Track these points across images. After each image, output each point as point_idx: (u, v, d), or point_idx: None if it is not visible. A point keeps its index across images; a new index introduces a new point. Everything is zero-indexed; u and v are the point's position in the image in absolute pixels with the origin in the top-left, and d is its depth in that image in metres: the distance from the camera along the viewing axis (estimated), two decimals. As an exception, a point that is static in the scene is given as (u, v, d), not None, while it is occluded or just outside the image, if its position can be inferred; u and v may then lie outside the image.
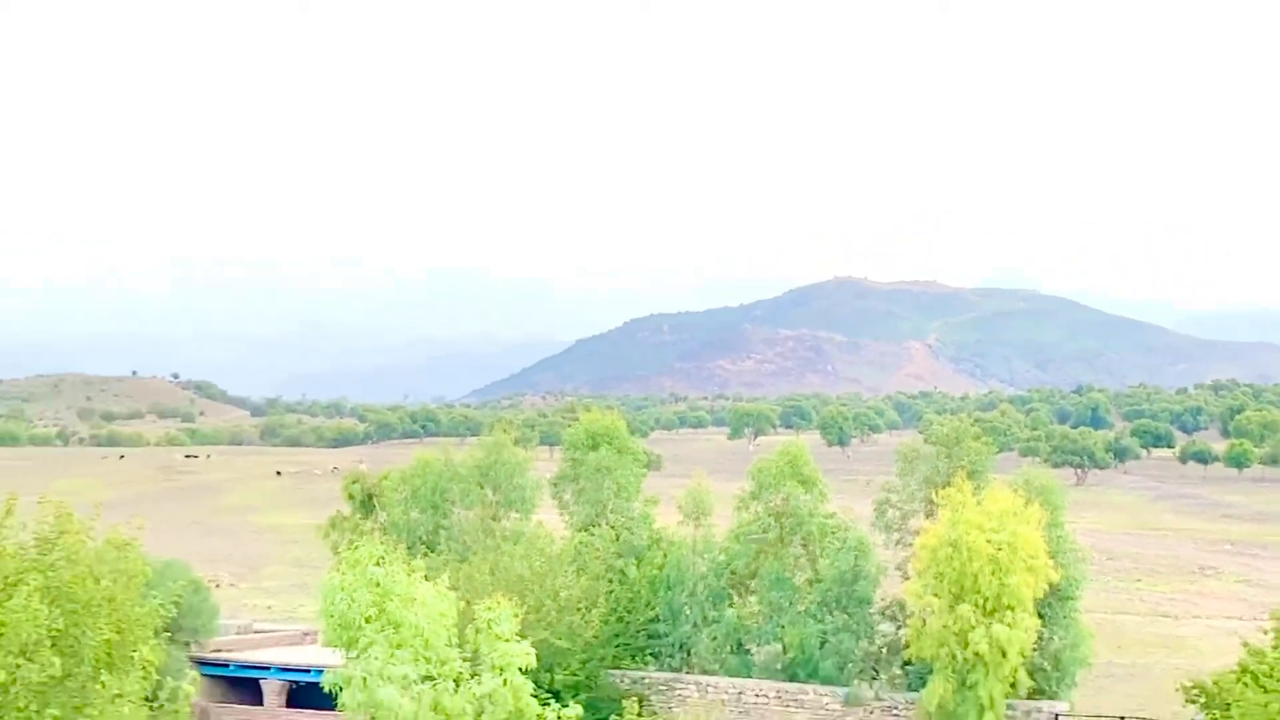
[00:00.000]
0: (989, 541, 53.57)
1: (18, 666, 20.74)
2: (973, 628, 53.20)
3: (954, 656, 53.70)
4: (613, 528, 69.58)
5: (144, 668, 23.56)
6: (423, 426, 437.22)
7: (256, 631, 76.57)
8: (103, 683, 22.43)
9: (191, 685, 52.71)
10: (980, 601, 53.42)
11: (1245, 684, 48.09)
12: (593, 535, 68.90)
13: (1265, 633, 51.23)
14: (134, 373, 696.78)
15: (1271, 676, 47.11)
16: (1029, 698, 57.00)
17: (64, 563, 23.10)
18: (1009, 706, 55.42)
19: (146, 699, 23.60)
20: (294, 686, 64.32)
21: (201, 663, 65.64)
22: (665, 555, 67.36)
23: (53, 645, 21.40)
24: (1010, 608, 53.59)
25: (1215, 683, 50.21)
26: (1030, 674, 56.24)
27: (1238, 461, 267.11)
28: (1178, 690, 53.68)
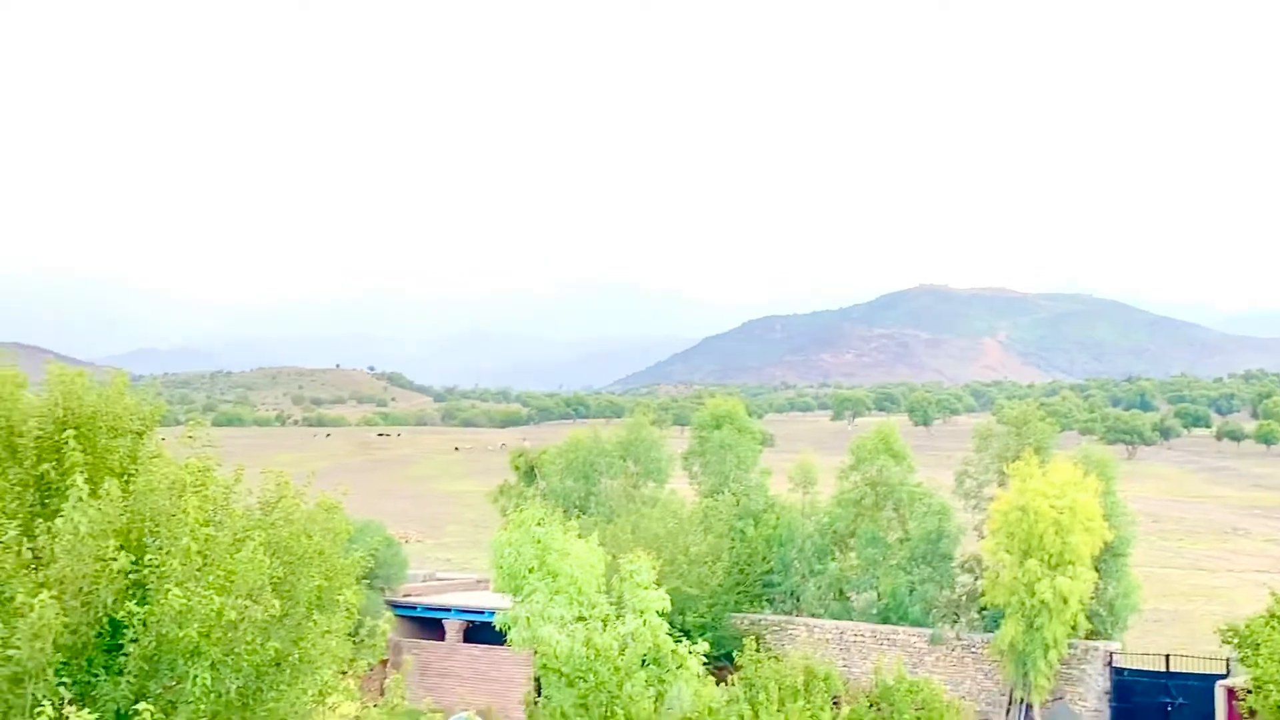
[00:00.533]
0: (1052, 507, 53.60)
1: (246, 607, 20.92)
2: (1039, 579, 53.20)
3: (1023, 603, 53.64)
4: (733, 494, 69.68)
5: (347, 609, 23.75)
6: (575, 410, 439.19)
7: (439, 579, 76.99)
8: (314, 621, 22.63)
9: (386, 624, 53.02)
10: (1045, 557, 53.40)
11: (1272, 627, 47.57)
12: (717, 501, 69.01)
13: None
14: (338, 365, 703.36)
15: None
16: (1086, 638, 56.64)
17: (282, 522, 23.30)
18: (1070, 645, 55.18)
19: (349, 635, 23.79)
20: (470, 625, 64.62)
21: (394, 605, 66.17)
22: (777, 518, 67.35)
23: (273, 590, 21.59)
24: (1071, 562, 53.53)
25: (1247, 626, 49.58)
26: (1088, 618, 55.97)
27: (1266, 439, 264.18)
28: (1214, 633, 52.97)
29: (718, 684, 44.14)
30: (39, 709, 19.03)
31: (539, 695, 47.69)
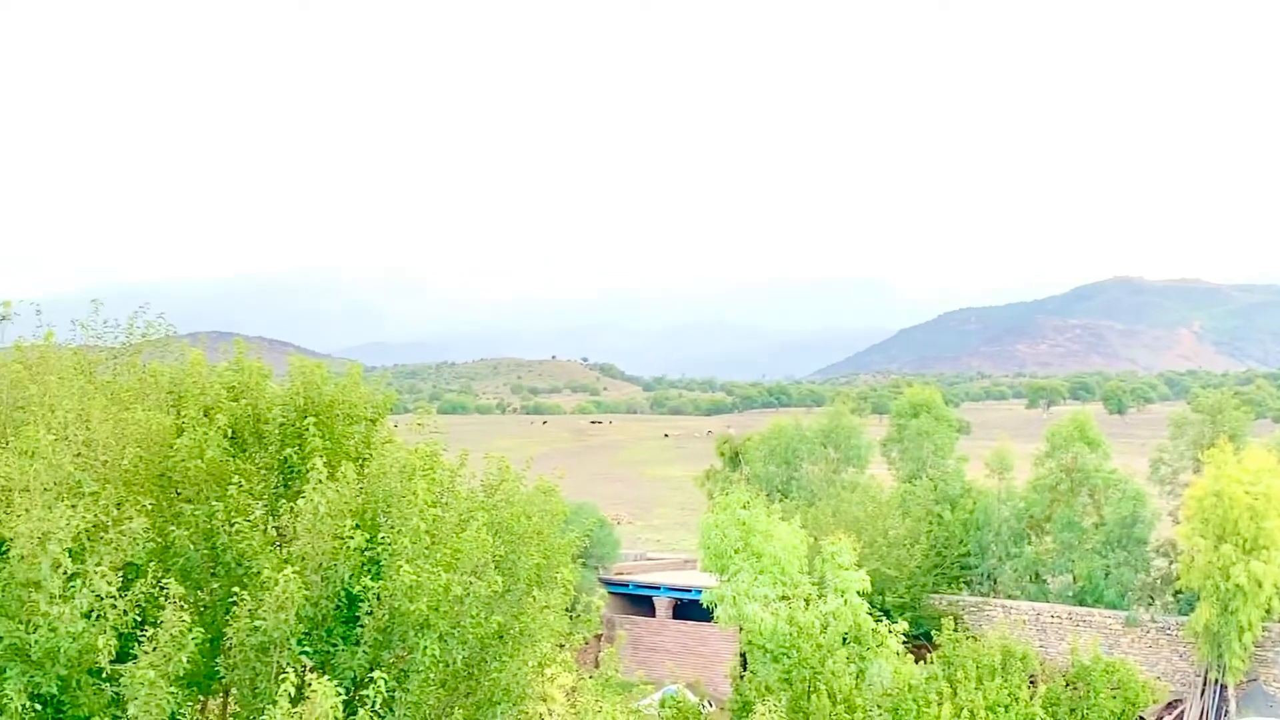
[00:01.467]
0: (1247, 492, 52.74)
1: (470, 583, 21.28)
2: (1234, 563, 52.37)
3: (1217, 587, 52.77)
4: (931, 480, 69.42)
5: (564, 586, 24.05)
6: (777, 399, 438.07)
7: (649, 559, 77.69)
8: (534, 597, 22.95)
9: (600, 600, 53.54)
10: (1240, 542, 52.54)
11: None
12: (915, 486, 68.81)
13: None
14: (553, 357, 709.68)
15: None
16: (1282, 621, 55.36)
17: (504, 503, 23.69)
18: (1264, 628, 54.00)
19: (566, 610, 24.07)
20: (679, 602, 65.14)
21: (607, 583, 66.95)
22: (974, 503, 66.93)
23: (496, 567, 21.93)
24: (1265, 547, 52.62)
25: None
26: (1280, 593, 54.77)
27: None
28: None
29: (916, 662, 43.91)
30: (283, 676, 19.59)
31: (744, 670, 47.88)
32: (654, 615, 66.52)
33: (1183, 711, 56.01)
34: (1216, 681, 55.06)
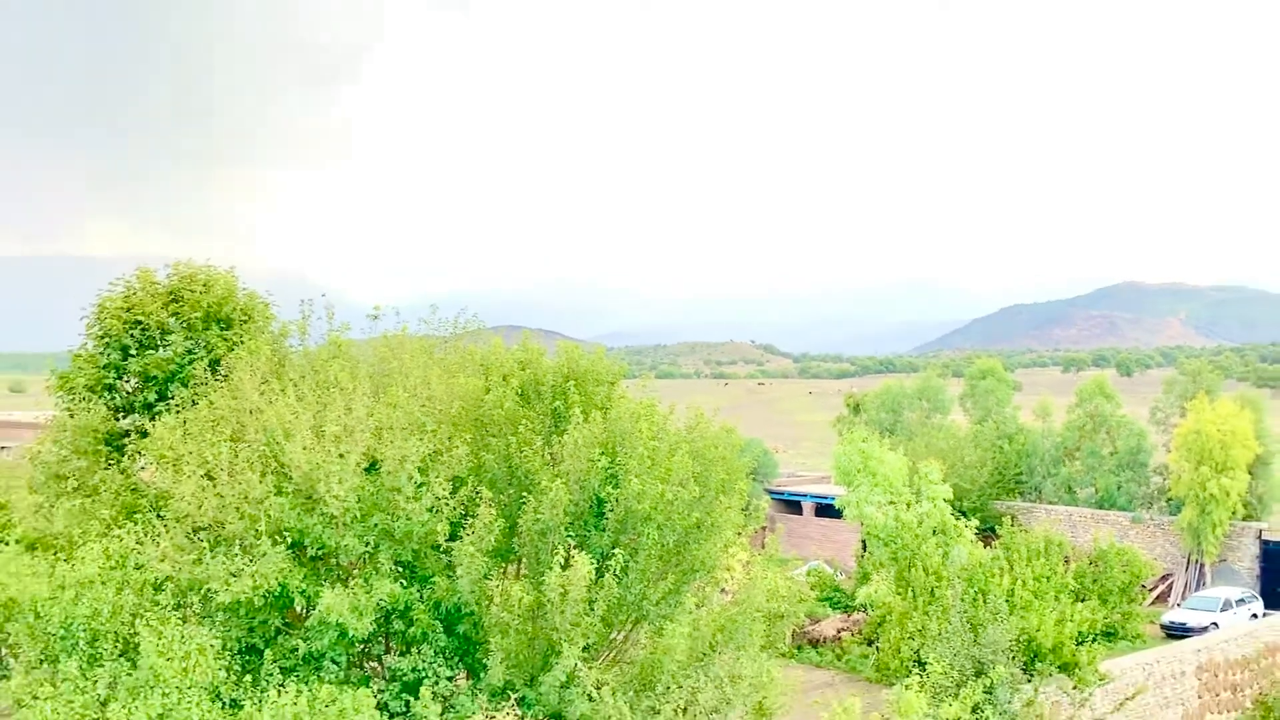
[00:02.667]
0: (1218, 430, 51.85)
1: (678, 491, 21.56)
2: (1209, 480, 51.44)
3: (1197, 496, 51.71)
4: (994, 422, 68.22)
5: (740, 493, 24.16)
6: (886, 367, 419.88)
7: (797, 476, 77.29)
8: (720, 500, 23.09)
9: (765, 503, 53.56)
10: (1213, 464, 51.45)
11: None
12: (983, 427, 67.75)
13: None
14: (731, 340, 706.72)
15: None
16: (1243, 520, 53.86)
17: (699, 438, 23.85)
18: (1231, 524, 52.72)
19: (742, 509, 24.20)
20: (818, 505, 64.79)
21: (770, 491, 66.98)
22: (1025, 438, 65.55)
23: (694, 480, 22.11)
24: (1231, 468, 51.52)
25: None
26: (1244, 506, 53.49)
27: None
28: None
29: (984, 547, 43.44)
30: (555, 552, 20.18)
31: (864, 551, 47.84)
32: (801, 514, 66.42)
33: (1172, 582, 54.66)
34: (1197, 561, 53.93)
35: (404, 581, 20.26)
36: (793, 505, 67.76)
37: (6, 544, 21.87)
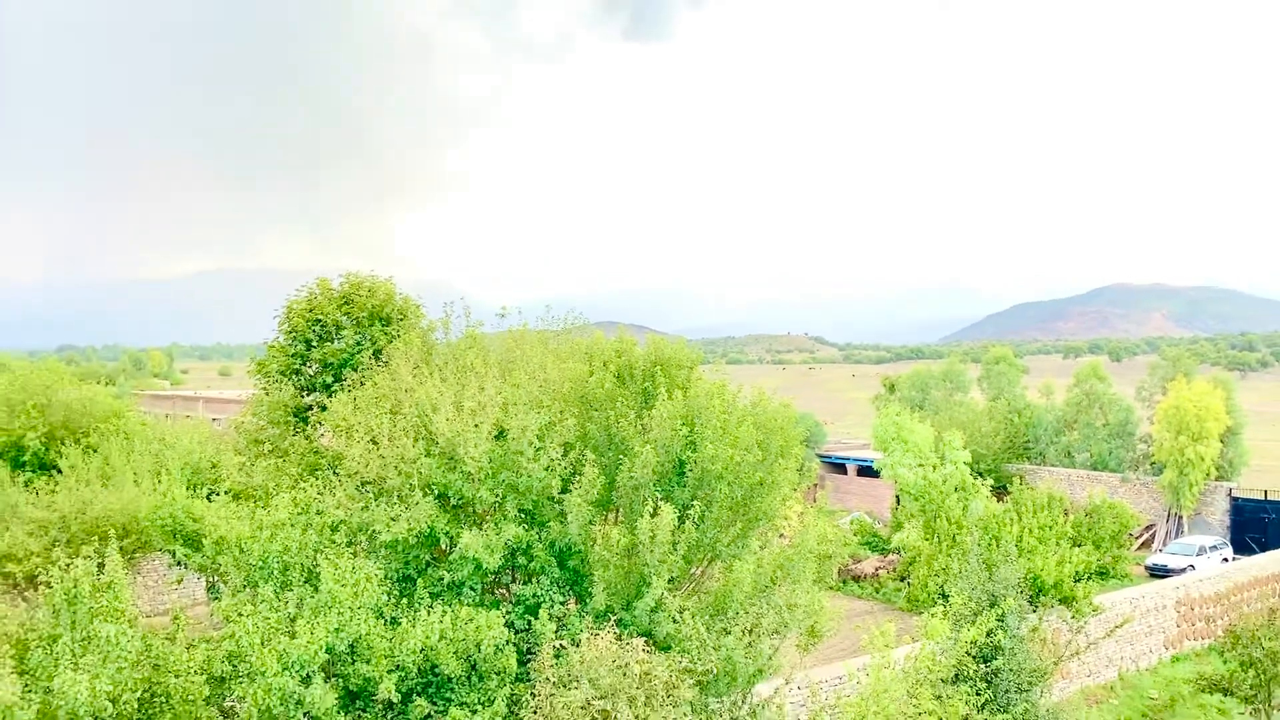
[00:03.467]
0: (1194, 405, 50.51)
1: (744, 455, 21.46)
2: (1186, 446, 50.25)
3: (1176, 460, 50.38)
4: (1005, 399, 67.05)
5: (795, 456, 23.91)
6: (916, 354, 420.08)
7: (843, 443, 76.58)
8: (779, 462, 22.90)
9: (815, 465, 53.07)
10: (1190, 434, 50.14)
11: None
12: (996, 403, 66.66)
13: None
14: (788, 332, 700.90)
15: None
16: (1216, 480, 52.27)
17: (761, 412, 23.70)
18: (1205, 484, 51.18)
19: (797, 469, 23.92)
20: (860, 467, 64.13)
21: (820, 456, 66.38)
22: (1032, 413, 64.05)
23: (758, 445, 21.98)
24: (1205, 437, 50.17)
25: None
26: (1216, 469, 51.95)
27: None
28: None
29: (997, 502, 42.65)
30: (645, 503, 20.21)
31: (897, 504, 47.24)
32: (846, 474, 65.78)
33: (1155, 531, 53.16)
34: (1176, 514, 52.45)
35: (525, 525, 20.43)
36: (838, 467, 67.13)
37: (217, 494, 22.43)
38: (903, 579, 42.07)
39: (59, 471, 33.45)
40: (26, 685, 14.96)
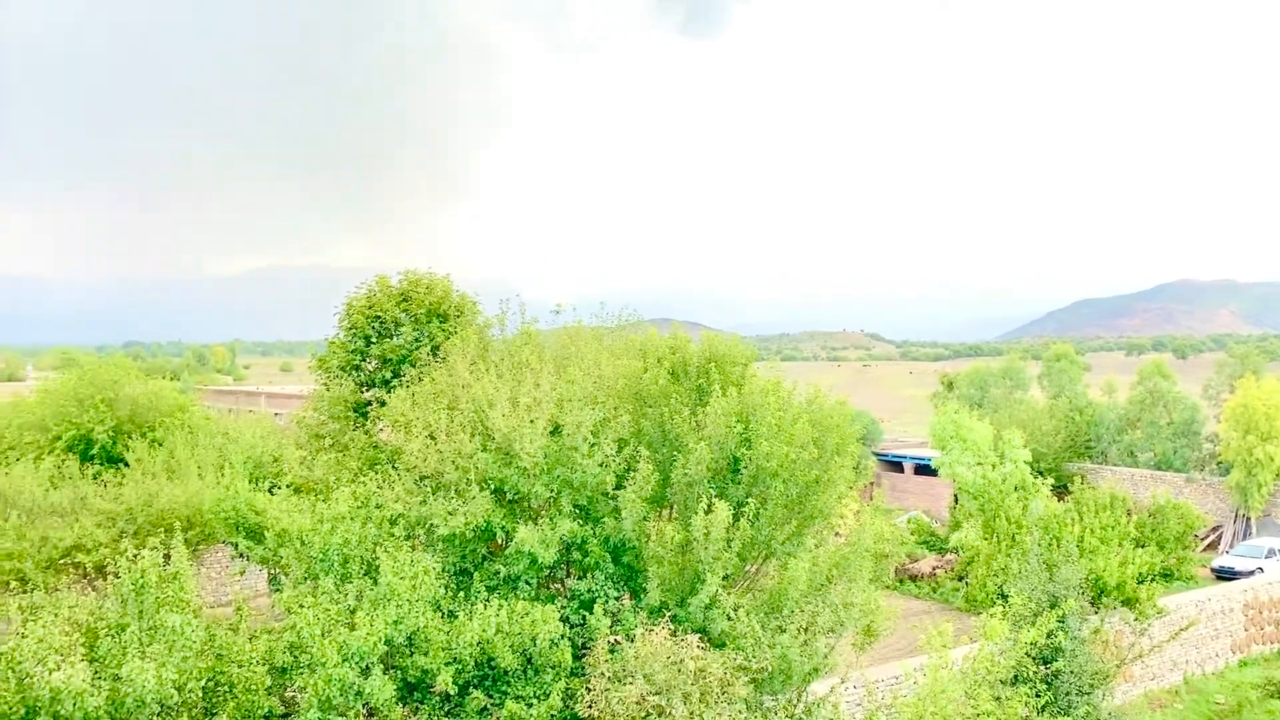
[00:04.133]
0: (1263, 404, 49.04)
1: (799, 452, 21.29)
2: (1255, 446, 48.78)
3: (1244, 460, 49.02)
4: (1067, 397, 65.74)
5: (851, 454, 23.72)
6: (974, 351, 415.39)
7: (900, 441, 75.67)
8: (835, 460, 22.71)
9: (872, 463, 52.61)
10: (1259, 434, 48.75)
11: None
12: (1058, 401, 65.15)
13: None
14: (844, 329, 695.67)
15: None
16: (1285, 481, 51.01)
17: (817, 409, 23.52)
18: (1274, 485, 49.81)
19: (854, 467, 23.68)
20: (917, 465, 63.30)
21: (877, 454, 65.67)
22: (1094, 411, 62.63)
23: (814, 443, 21.76)
24: (1275, 437, 48.80)
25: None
26: (1287, 469, 50.63)
27: None
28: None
29: (1058, 501, 41.87)
30: (699, 500, 20.16)
31: (955, 503, 46.62)
32: (903, 472, 64.99)
33: (1221, 532, 51.84)
34: (1244, 515, 51.09)
35: (580, 521, 20.50)
36: (895, 465, 66.37)
37: (279, 488, 22.80)
38: (960, 579, 41.47)
39: (126, 465, 34.10)
40: (96, 672, 15.31)
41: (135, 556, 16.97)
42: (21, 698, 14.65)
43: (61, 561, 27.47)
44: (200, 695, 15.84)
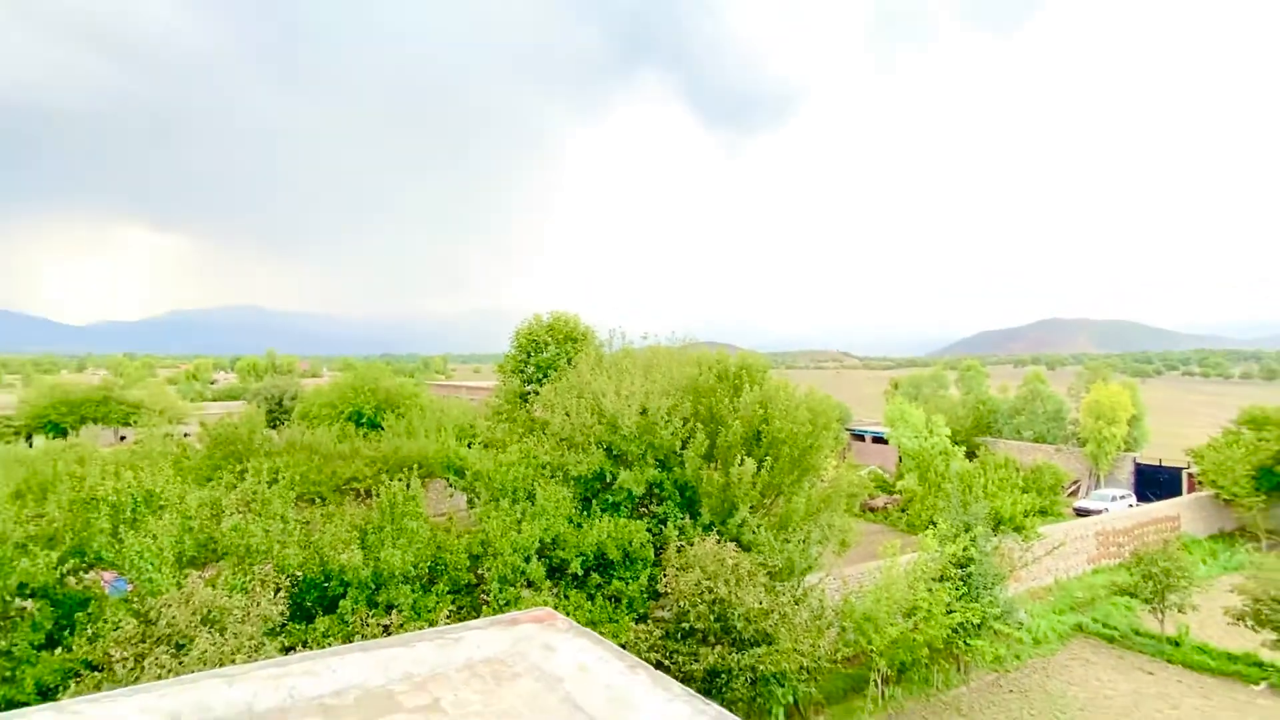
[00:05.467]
0: (1110, 400, 46.39)
1: (800, 427, 20.82)
2: (1103, 428, 46.12)
3: (1096, 437, 46.50)
4: (975, 395, 62.74)
5: (834, 430, 23.06)
6: (923, 365, 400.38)
7: (863, 421, 73.54)
8: (822, 432, 22.10)
9: (845, 436, 51.04)
10: (1105, 419, 46.09)
11: (1213, 448, 38.78)
12: (968, 396, 62.31)
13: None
14: (825, 348, 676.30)
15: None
16: (1124, 450, 48.01)
17: (810, 399, 22.88)
18: (1116, 454, 47.07)
19: (834, 438, 23.00)
20: (875, 437, 61.33)
21: (848, 429, 63.55)
22: (986, 403, 59.68)
23: (809, 422, 21.39)
24: (1114, 421, 46.00)
25: (1196, 449, 40.88)
26: (1125, 443, 47.62)
27: (1206, 374, 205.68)
28: (1184, 451, 43.85)
29: (969, 461, 40.34)
30: (735, 458, 19.86)
31: (900, 462, 45.15)
32: (865, 442, 63.18)
33: (1080, 485, 49.37)
34: (1095, 474, 48.52)
35: (658, 468, 20.44)
36: (859, 437, 64.60)
37: (474, 444, 23.16)
38: (903, 511, 40.24)
39: (382, 429, 35.03)
40: (365, 555, 15.79)
41: (388, 485, 17.39)
42: (323, 568, 15.17)
43: (344, 486, 28.27)
44: (426, 570, 16.17)
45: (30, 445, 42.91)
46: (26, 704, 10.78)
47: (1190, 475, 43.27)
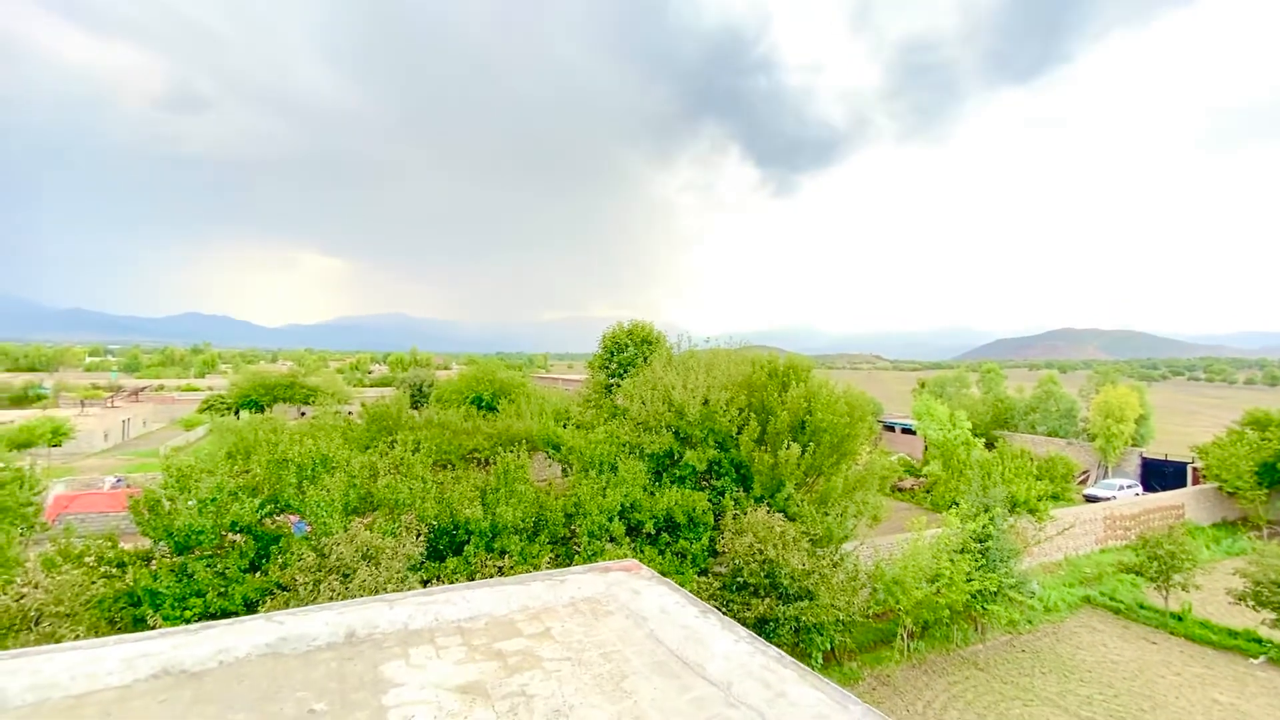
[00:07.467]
0: (1119, 400, 42.77)
1: (838, 417, 20.02)
2: (1112, 425, 42.55)
3: (1104, 433, 42.82)
4: (995, 394, 58.79)
5: (869, 421, 22.10)
6: (950, 367, 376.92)
7: (894, 415, 70.28)
8: (858, 424, 21.23)
9: (878, 427, 48.86)
10: (1115, 417, 42.49)
11: (1218, 445, 35.20)
12: (988, 395, 58.50)
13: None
14: (860, 352, 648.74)
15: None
16: (1132, 445, 44.06)
17: (848, 395, 22.01)
18: (1125, 447, 43.31)
19: (868, 428, 21.97)
20: (904, 428, 57.77)
21: (880, 421, 60.94)
22: (1003, 401, 55.75)
23: (847, 414, 20.52)
24: (1122, 419, 42.35)
25: (1201, 446, 36.98)
26: (1132, 440, 43.76)
27: (1211, 380, 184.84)
28: (1189, 447, 39.74)
29: (988, 451, 37.94)
30: (783, 442, 19.33)
31: (926, 450, 42.95)
32: (895, 432, 60.35)
33: (1090, 474, 45.66)
34: (1104, 465, 44.75)
35: (718, 449, 20.19)
36: (890, 429, 61.92)
37: (568, 425, 23.45)
38: (928, 492, 38.30)
39: (497, 411, 35.93)
40: (484, 511, 16.17)
41: (502, 455, 17.59)
42: (452, 519, 15.70)
43: (468, 455, 29.00)
44: (531, 524, 16.47)
45: (238, 417, 46.33)
46: (236, 614, 11.33)
47: (1195, 469, 39.41)
